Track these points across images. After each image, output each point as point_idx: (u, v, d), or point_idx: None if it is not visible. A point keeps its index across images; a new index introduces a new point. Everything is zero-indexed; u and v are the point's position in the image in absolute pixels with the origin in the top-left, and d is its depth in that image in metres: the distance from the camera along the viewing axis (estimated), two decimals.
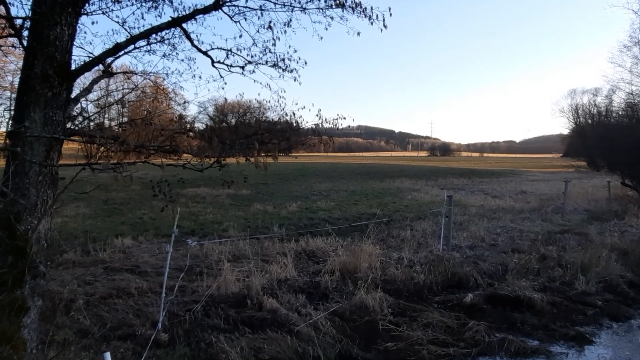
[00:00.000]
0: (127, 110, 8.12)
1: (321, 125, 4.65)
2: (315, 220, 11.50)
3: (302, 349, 4.03)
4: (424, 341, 4.31)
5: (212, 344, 4.16)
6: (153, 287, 5.82)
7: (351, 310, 4.96)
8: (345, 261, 6.45)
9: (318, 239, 8.37)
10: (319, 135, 4.76)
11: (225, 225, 10.39)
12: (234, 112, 6.46)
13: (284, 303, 5.14)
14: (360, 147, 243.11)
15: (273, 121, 4.94)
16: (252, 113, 5.32)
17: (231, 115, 6.06)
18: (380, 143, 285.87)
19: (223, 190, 18.29)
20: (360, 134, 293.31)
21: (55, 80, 3.30)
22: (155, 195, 3.91)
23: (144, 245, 8.41)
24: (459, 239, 8.82)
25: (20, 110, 3.18)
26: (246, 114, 5.23)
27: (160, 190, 3.84)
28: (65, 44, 3.52)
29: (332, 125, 4.80)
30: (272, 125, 4.80)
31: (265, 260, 6.90)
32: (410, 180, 26.04)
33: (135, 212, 12.65)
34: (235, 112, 6.35)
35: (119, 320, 4.70)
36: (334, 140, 5.81)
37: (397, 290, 5.71)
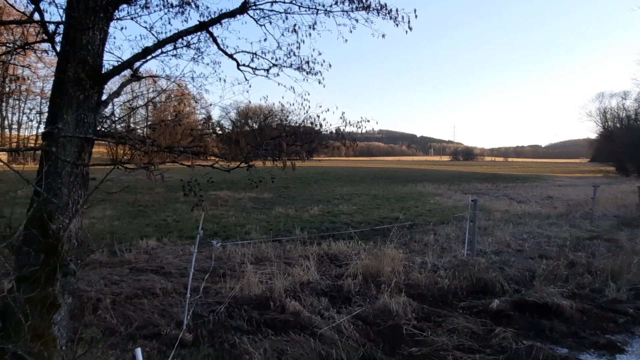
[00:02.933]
0: (151, 114, 8.30)
1: (345, 128, 4.64)
2: (337, 224, 11.46)
3: (325, 352, 3.99)
4: (450, 347, 4.22)
5: (235, 345, 4.17)
6: (177, 287, 5.89)
7: (374, 314, 4.90)
8: (368, 265, 6.39)
9: (340, 242, 8.33)
10: (343, 139, 4.74)
11: (247, 228, 10.45)
12: (257, 115, 6.51)
13: (307, 306, 5.12)
14: (381, 151, 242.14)
15: (297, 124, 4.95)
16: (275, 117, 5.32)
17: (253, 119, 6.10)
18: (401, 147, 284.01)
19: (245, 194, 18.48)
20: (382, 138, 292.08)
21: (87, 83, 3.39)
22: (186, 195, 3.96)
23: (167, 247, 8.53)
24: (484, 244, 8.64)
25: (54, 112, 3.27)
26: (268, 117, 5.22)
27: (190, 189, 3.88)
28: (97, 48, 3.61)
29: (356, 128, 4.78)
30: (295, 128, 4.80)
31: (287, 263, 6.91)
32: (432, 184, 25.76)
33: (160, 214, 12.87)
34: (257, 116, 6.39)
35: (144, 320, 4.76)
36: (357, 143, 5.79)
37: (421, 294, 5.62)
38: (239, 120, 5.75)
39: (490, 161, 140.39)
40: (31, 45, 4.72)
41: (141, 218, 12.15)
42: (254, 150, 3.66)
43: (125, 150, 3.92)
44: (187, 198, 16.40)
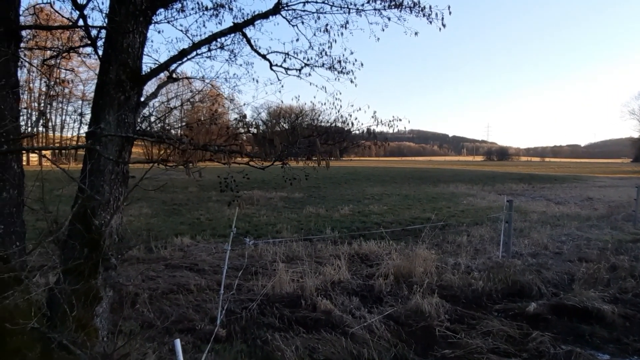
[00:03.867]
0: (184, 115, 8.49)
1: (376, 127, 4.61)
2: (368, 223, 11.40)
3: (356, 351, 3.98)
4: (484, 350, 4.12)
5: (267, 341, 4.22)
6: (211, 284, 6.02)
7: (406, 315, 4.85)
8: (400, 265, 6.33)
9: (371, 242, 8.29)
10: (374, 138, 4.71)
11: (278, 227, 10.55)
12: (288, 116, 6.58)
13: (338, 305, 5.12)
14: (412, 151, 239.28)
15: (328, 124, 4.96)
16: (306, 116, 5.35)
17: (285, 119, 6.16)
18: (433, 147, 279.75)
19: (276, 193, 18.67)
20: (413, 138, 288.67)
21: (127, 84, 3.51)
22: (222, 191, 4.05)
23: (201, 245, 8.72)
24: (520, 246, 8.39)
25: (96, 113, 3.41)
26: (299, 117, 5.25)
27: (227, 185, 3.96)
28: (137, 50, 3.73)
29: (388, 127, 4.74)
30: (327, 128, 4.82)
31: (318, 262, 6.93)
32: (465, 185, 25.21)
33: (193, 212, 13.18)
34: (288, 116, 6.45)
35: (179, 315, 4.89)
36: (388, 143, 5.74)
37: (454, 296, 5.51)
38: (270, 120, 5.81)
39: (526, 161, 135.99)
40: (75, 50, 4.95)
41: (176, 216, 12.48)
42: (288, 149, 3.70)
43: (161, 150, 4.04)
44: (220, 197, 16.73)
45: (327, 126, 4.92)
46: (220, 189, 4.04)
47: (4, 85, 2.83)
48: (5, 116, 2.81)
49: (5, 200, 2.85)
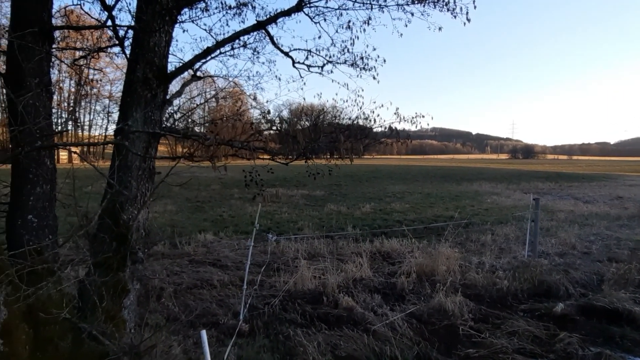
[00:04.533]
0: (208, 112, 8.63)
1: (399, 124, 4.58)
2: (390, 221, 11.33)
3: (379, 348, 3.97)
4: (509, 350, 4.04)
5: (290, 337, 4.25)
6: (233, 280, 6.09)
7: (429, 313, 4.80)
8: (422, 263, 6.27)
9: (393, 240, 8.23)
10: (397, 135, 4.68)
11: (300, 224, 10.60)
12: (309, 114, 6.58)
13: (360, 302, 5.11)
14: (434, 149, 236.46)
15: (350, 120, 4.95)
16: (327, 114, 5.34)
17: (307, 116, 6.18)
18: (456, 145, 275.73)
19: (297, 191, 18.75)
20: (435, 136, 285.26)
21: (154, 82, 3.59)
22: (247, 185, 4.09)
23: (224, 241, 8.83)
24: (546, 246, 8.19)
25: (124, 110, 3.49)
26: (321, 115, 5.25)
27: (252, 179, 4.01)
28: (163, 49, 3.81)
29: (410, 124, 4.70)
30: (349, 125, 4.80)
31: (340, 260, 6.93)
32: (489, 183, 24.78)
33: (216, 209, 13.36)
34: (310, 114, 6.46)
35: (203, 309, 4.97)
36: (410, 140, 5.67)
37: (478, 295, 5.43)
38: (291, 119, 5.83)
39: (553, 159, 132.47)
40: (104, 50, 5.09)
41: (199, 213, 12.68)
42: (311, 144, 3.71)
43: (185, 148, 4.12)
44: (242, 194, 16.89)
45: (349, 123, 4.91)
46: (245, 183, 4.08)
47: (38, 84, 2.93)
48: (40, 113, 2.92)
49: (38, 194, 2.95)
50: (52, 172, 3.06)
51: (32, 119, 2.78)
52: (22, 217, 2.90)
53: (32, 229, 2.89)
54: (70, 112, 34.50)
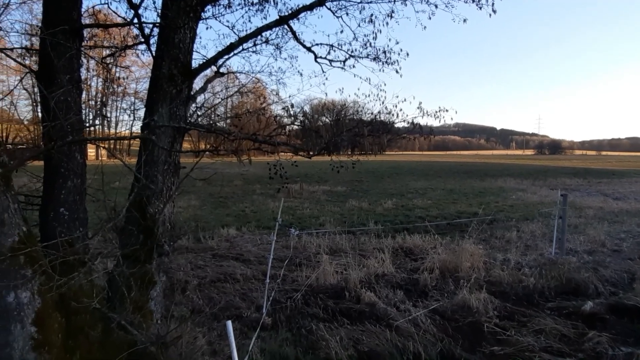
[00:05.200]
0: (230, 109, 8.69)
1: (422, 118, 4.52)
2: (412, 218, 11.24)
3: (401, 344, 3.95)
4: (536, 348, 3.96)
5: (312, 331, 4.28)
6: (256, 274, 6.16)
7: (453, 310, 4.75)
8: (445, 259, 6.20)
9: (415, 236, 8.17)
10: (420, 129, 4.62)
11: (321, 220, 10.62)
12: (330, 110, 6.56)
13: (382, 297, 5.10)
14: (457, 145, 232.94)
15: (373, 115, 4.92)
16: (349, 110, 5.31)
17: (329, 111, 6.16)
18: (479, 141, 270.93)
19: (319, 187, 18.79)
20: (458, 132, 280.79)
21: (179, 78, 3.65)
22: (271, 178, 4.13)
23: (246, 236, 8.93)
24: (575, 243, 7.97)
25: (151, 106, 3.57)
26: (343, 109, 5.23)
27: (276, 172, 4.04)
28: (187, 46, 3.86)
29: (434, 118, 4.64)
30: (372, 119, 4.77)
31: (362, 255, 6.92)
32: (514, 179, 24.26)
33: (238, 205, 13.53)
34: (331, 110, 6.44)
35: (227, 302, 5.05)
36: (431, 138, 5.60)
37: (503, 292, 5.34)
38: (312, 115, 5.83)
39: (581, 155, 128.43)
40: (130, 47, 5.20)
41: (222, 208, 12.85)
42: (334, 138, 3.71)
43: (208, 144, 4.17)
44: (264, 190, 17.03)
45: (371, 119, 4.89)
46: (269, 176, 4.12)
47: (69, 80, 3.02)
48: (70, 109, 3.01)
49: (70, 188, 3.05)
50: (82, 167, 3.16)
51: (64, 114, 2.87)
52: (54, 210, 3.00)
53: (64, 221, 2.99)
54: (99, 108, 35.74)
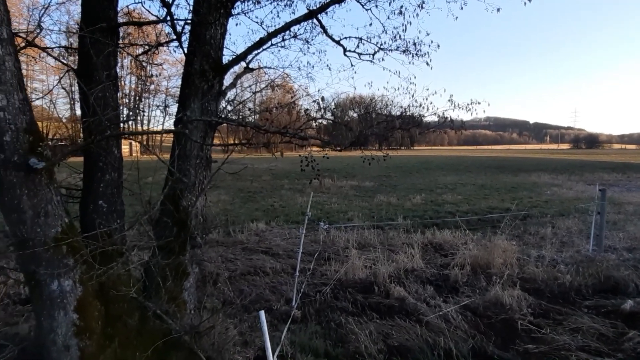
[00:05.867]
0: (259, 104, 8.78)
1: (453, 112, 4.43)
2: (441, 213, 11.07)
3: (432, 339, 3.91)
4: (572, 347, 3.84)
5: (341, 324, 4.29)
6: (285, 268, 6.22)
7: (485, 306, 4.66)
8: (477, 255, 6.08)
9: (445, 231, 8.05)
10: (451, 122, 4.53)
11: (350, 215, 10.61)
12: (358, 105, 6.50)
13: (412, 292, 5.06)
14: (488, 139, 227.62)
15: (402, 109, 4.85)
16: (377, 104, 5.26)
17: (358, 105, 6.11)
18: (512, 135, 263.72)
19: (347, 182, 18.76)
20: (489, 126, 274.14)
21: (210, 74, 3.71)
22: (302, 170, 4.16)
23: (275, 230, 9.02)
24: (613, 240, 7.66)
25: (183, 101, 3.64)
26: (371, 104, 5.19)
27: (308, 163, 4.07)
28: (218, 42, 3.91)
29: (465, 111, 4.54)
30: (402, 113, 4.71)
31: (390, 250, 6.88)
32: (549, 174, 23.51)
33: (267, 200, 13.67)
34: (359, 105, 6.38)
35: (257, 295, 5.13)
36: (461, 132, 5.47)
37: (537, 289, 5.19)
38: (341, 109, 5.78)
39: (620, 149, 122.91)
40: (163, 45, 5.32)
41: (251, 203, 13.02)
42: (365, 131, 3.69)
43: (238, 138, 4.22)
44: (292, 185, 17.15)
45: (401, 112, 4.83)
46: (301, 168, 4.14)
47: (107, 77, 3.12)
48: (108, 105, 3.11)
49: (107, 181, 3.16)
50: (119, 161, 3.26)
51: (102, 110, 2.97)
52: (93, 203, 3.12)
53: (103, 213, 3.10)
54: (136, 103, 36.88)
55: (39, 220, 2.51)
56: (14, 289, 5.11)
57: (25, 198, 2.45)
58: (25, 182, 2.44)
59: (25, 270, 2.64)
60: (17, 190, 2.43)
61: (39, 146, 2.49)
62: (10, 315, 4.49)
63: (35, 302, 2.67)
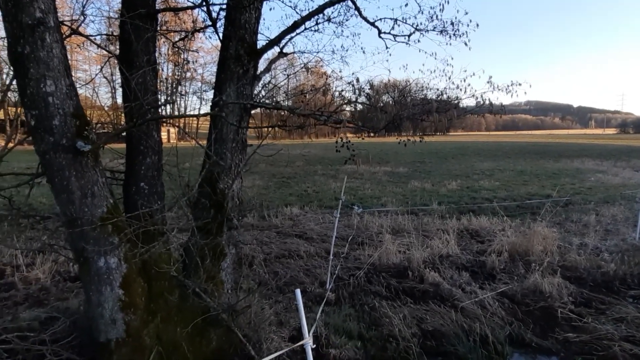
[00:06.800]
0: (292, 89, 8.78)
1: (492, 93, 4.28)
2: (478, 199, 10.81)
3: (467, 325, 3.87)
4: (616, 337, 3.70)
5: (375, 308, 4.31)
6: (319, 252, 6.28)
7: (523, 294, 4.55)
8: (515, 242, 5.92)
9: (482, 218, 7.87)
10: (490, 106, 4.38)
11: (383, 200, 10.54)
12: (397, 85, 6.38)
13: (447, 278, 5.00)
14: (528, 124, 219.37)
15: (438, 91, 4.73)
16: (412, 88, 5.15)
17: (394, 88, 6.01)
18: (553, 119, 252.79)
19: (380, 168, 18.62)
20: (529, 110, 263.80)
21: (245, 58, 3.74)
22: (338, 151, 4.17)
23: (309, 215, 9.09)
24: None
25: (219, 85, 3.70)
26: (407, 86, 5.09)
27: (343, 144, 4.07)
28: (253, 26, 3.93)
29: (505, 93, 4.38)
30: (438, 96, 4.60)
31: (425, 236, 6.80)
32: (593, 160, 22.43)
33: (301, 185, 13.77)
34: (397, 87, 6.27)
35: (291, 277, 5.21)
36: (500, 116, 5.29)
37: (579, 278, 5.02)
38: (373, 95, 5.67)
39: None
40: (198, 31, 5.40)
41: (285, 188, 13.16)
42: (401, 112, 3.63)
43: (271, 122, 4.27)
44: (325, 171, 17.20)
45: (437, 95, 4.72)
46: (336, 149, 4.14)
47: (147, 62, 3.21)
48: (148, 90, 3.20)
49: (148, 164, 3.27)
50: (158, 144, 3.36)
51: (142, 95, 3.06)
52: (135, 185, 3.24)
53: (144, 195, 3.22)
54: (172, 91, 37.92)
55: (86, 200, 2.64)
56: (64, 267, 5.42)
57: (73, 179, 2.58)
58: (73, 164, 2.56)
59: (74, 248, 2.79)
60: (65, 172, 2.56)
61: (85, 130, 2.60)
62: (61, 291, 4.78)
63: (84, 278, 2.82)
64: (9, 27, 2.35)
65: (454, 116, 3.65)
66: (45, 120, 2.45)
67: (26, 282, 5.00)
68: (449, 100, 4.36)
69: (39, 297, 4.63)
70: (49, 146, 2.49)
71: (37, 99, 2.41)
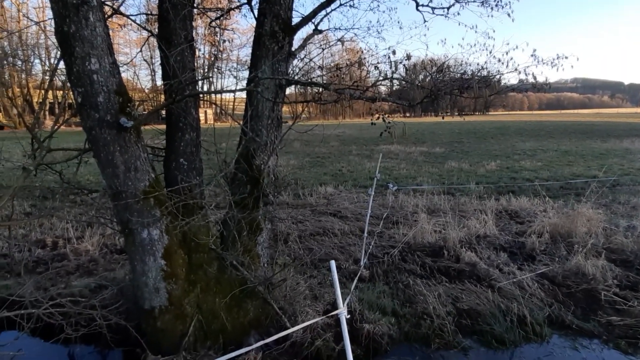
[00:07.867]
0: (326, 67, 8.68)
1: (536, 67, 4.08)
2: (518, 180, 10.46)
3: (505, 305, 3.80)
4: None
5: (409, 285, 4.30)
6: (353, 230, 6.30)
7: (564, 275, 4.41)
8: (557, 223, 5.72)
9: (522, 198, 7.64)
10: (534, 80, 4.18)
11: (419, 180, 10.40)
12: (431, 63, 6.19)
13: (484, 258, 4.91)
14: (574, 103, 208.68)
15: (479, 66, 4.55)
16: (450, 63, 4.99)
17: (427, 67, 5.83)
18: (602, 98, 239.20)
19: (416, 148, 18.32)
20: (576, 88, 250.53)
21: (280, 35, 3.73)
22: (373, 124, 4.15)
23: (343, 194, 9.10)
24: None
25: (254, 62, 3.72)
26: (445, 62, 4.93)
27: (379, 117, 4.04)
28: (288, 2, 3.90)
29: (550, 67, 4.16)
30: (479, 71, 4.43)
31: (462, 216, 6.69)
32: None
33: (335, 164, 13.78)
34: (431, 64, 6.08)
35: (325, 254, 5.27)
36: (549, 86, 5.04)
37: (625, 261, 4.80)
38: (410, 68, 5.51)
39: None
40: (234, 9, 5.43)
41: (319, 167, 13.21)
42: (438, 85, 3.54)
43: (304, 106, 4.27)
44: (360, 151, 17.12)
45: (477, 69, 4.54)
46: (371, 122, 4.12)
47: (185, 38, 3.26)
48: (186, 67, 3.27)
49: (187, 141, 3.35)
50: (197, 121, 3.44)
51: (180, 72, 3.13)
52: (175, 160, 3.34)
53: (184, 170, 3.32)
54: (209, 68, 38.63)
55: (129, 174, 2.75)
56: (110, 240, 5.72)
57: (117, 154, 2.69)
58: (117, 139, 2.67)
59: (120, 220, 2.93)
60: (110, 147, 2.67)
61: (127, 106, 2.70)
62: (108, 262, 5.05)
63: (129, 249, 2.96)
64: (55, 7, 2.44)
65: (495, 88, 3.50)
66: (90, 97, 2.55)
67: (77, 253, 5.32)
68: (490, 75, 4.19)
69: (88, 267, 4.92)
70: (95, 122, 2.60)
71: (83, 76, 2.51)
